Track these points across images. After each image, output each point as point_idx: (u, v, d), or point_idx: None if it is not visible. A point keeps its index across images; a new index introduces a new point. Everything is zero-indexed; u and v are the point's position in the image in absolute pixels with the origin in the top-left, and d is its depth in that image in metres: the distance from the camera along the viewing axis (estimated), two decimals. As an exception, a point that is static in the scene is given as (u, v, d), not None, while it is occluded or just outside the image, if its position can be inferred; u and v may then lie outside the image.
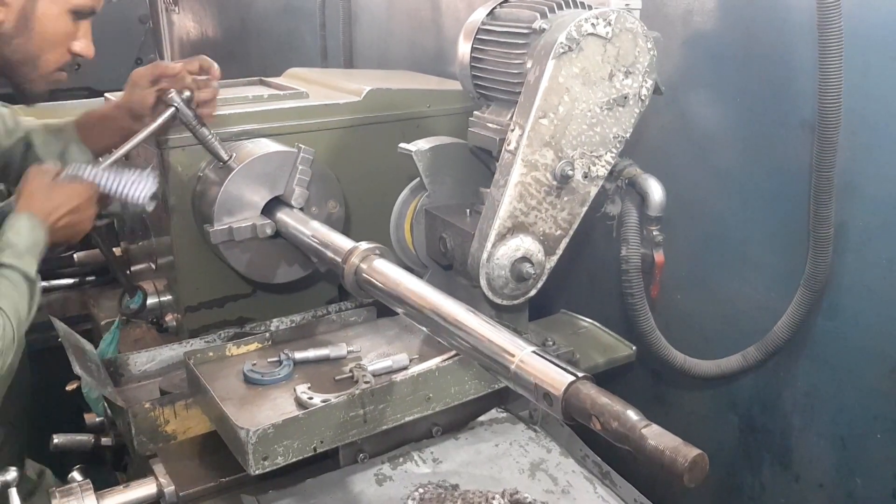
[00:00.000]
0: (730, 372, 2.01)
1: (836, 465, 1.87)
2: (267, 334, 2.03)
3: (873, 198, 1.69)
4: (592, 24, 1.68)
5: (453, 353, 1.81)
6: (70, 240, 1.91)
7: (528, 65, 1.76)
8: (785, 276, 1.87)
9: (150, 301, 2.34)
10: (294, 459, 1.63)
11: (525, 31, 1.78)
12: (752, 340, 1.95)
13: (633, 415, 1.10)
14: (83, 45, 1.89)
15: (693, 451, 1.04)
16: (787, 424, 1.97)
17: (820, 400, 1.89)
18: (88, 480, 1.70)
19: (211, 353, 1.93)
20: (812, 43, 1.62)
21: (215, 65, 2.05)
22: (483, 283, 1.81)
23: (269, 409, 1.73)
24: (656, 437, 1.07)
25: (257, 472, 1.59)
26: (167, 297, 2.33)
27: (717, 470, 2.14)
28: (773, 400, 1.99)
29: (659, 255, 1.91)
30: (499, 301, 1.85)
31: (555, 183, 1.78)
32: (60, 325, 1.94)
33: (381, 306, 2.02)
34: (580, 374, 1.21)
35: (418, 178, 2.06)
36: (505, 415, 2.00)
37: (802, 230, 1.78)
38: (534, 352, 1.30)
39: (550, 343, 2.05)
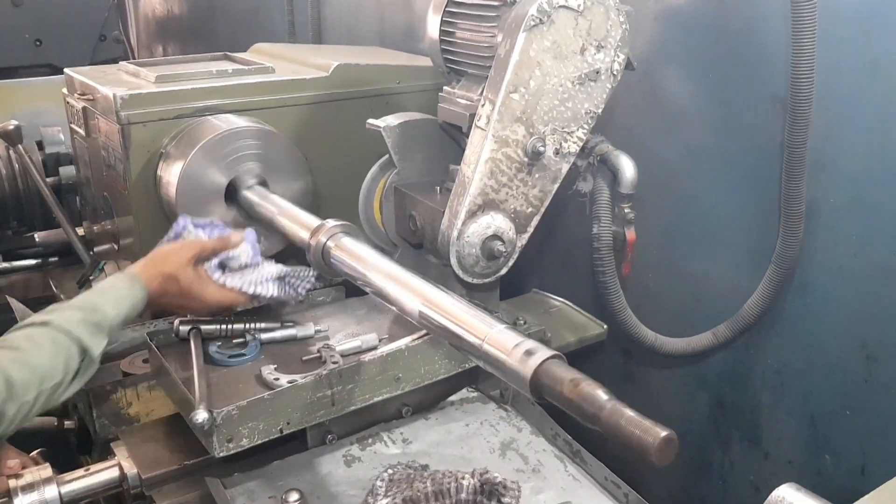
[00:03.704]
0: (700, 350, 2.01)
1: (806, 442, 1.88)
2: (232, 314, 1.98)
3: (845, 174, 1.68)
4: (564, -4, 1.65)
5: (423, 332, 1.79)
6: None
7: (499, 38, 1.73)
8: (756, 253, 1.87)
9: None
10: (260, 441, 1.61)
11: (496, 3, 1.75)
12: (723, 318, 1.95)
13: (602, 394, 1.09)
14: None
15: (662, 432, 1.02)
16: (757, 402, 1.98)
17: (790, 377, 1.89)
18: (48, 464, 1.65)
19: (174, 334, 1.88)
20: (785, 18, 1.61)
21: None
22: (453, 261, 1.78)
23: (235, 390, 1.69)
24: (626, 417, 1.05)
25: (222, 455, 1.56)
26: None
27: (688, 447, 2.15)
28: (744, 377, 2.00)
29: (630, 233, 1.89)
30: (469, 279, 1.82)
31: (526, 159, 1.75)
32: (18, 306, 1.90)
33: (350, 286, 1.99)
34: (550, 354, 1.19)
35: (387, 155, 2.03)
36: (475, 394, 1.99)
37: (774, 207, 1.78)
38: (503, 330, 1.28)
39: (522, 322, 2.04)
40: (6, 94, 3.88)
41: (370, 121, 2.01)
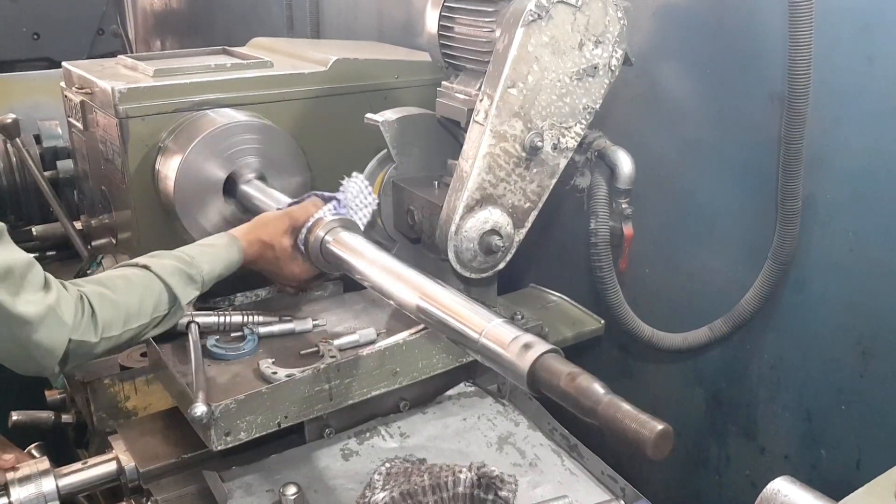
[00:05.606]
0: (697, 345, 2.01)
1: (802, 437, 1.88)
2: (230, 308, 1.99)
3: (841, 170, 1.68)
4: (562, -9, 1.65)
5: (421, 327, 1.79)
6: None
7: (497, 33, 1.73)
8: (752, 249, 1.87)
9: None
10: (257, 435, 1.61)
11: (494, -2, 1.75)
12: (720, 313, 1.95)
13: (599, 388, 1.09)
14: None
15: (659, 425, 1.02)
16: (753, 397, 1.98)
17: (786, 372, 1.90)
18: (45, 457, 1.66)
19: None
20: (782, 14, 1.61)
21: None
22: (451, 256, 1.78)
23: (233, 384, 1.69)
24: (622, 410, 1.06)
25: (220, 448, 1.57)
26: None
27: (684, 442, 2.16)
28: (740, 373, 2.00)
29: (628, 228, 1.90)
30: (467, 274, 1.83)
31: (524, 154, 1.76)
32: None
33: (348, 280, 2.00)
34: (548, 348, 1.19)
35: (385, 150, 2.03)
36: (473, 389, 2.00)
37: (770, 203, 1.78)
38: (501, 324, 1.28)
39: (519, 317, 2.04)
40: (4, 88, 3.87)
41: (369, 115, 2.02)
